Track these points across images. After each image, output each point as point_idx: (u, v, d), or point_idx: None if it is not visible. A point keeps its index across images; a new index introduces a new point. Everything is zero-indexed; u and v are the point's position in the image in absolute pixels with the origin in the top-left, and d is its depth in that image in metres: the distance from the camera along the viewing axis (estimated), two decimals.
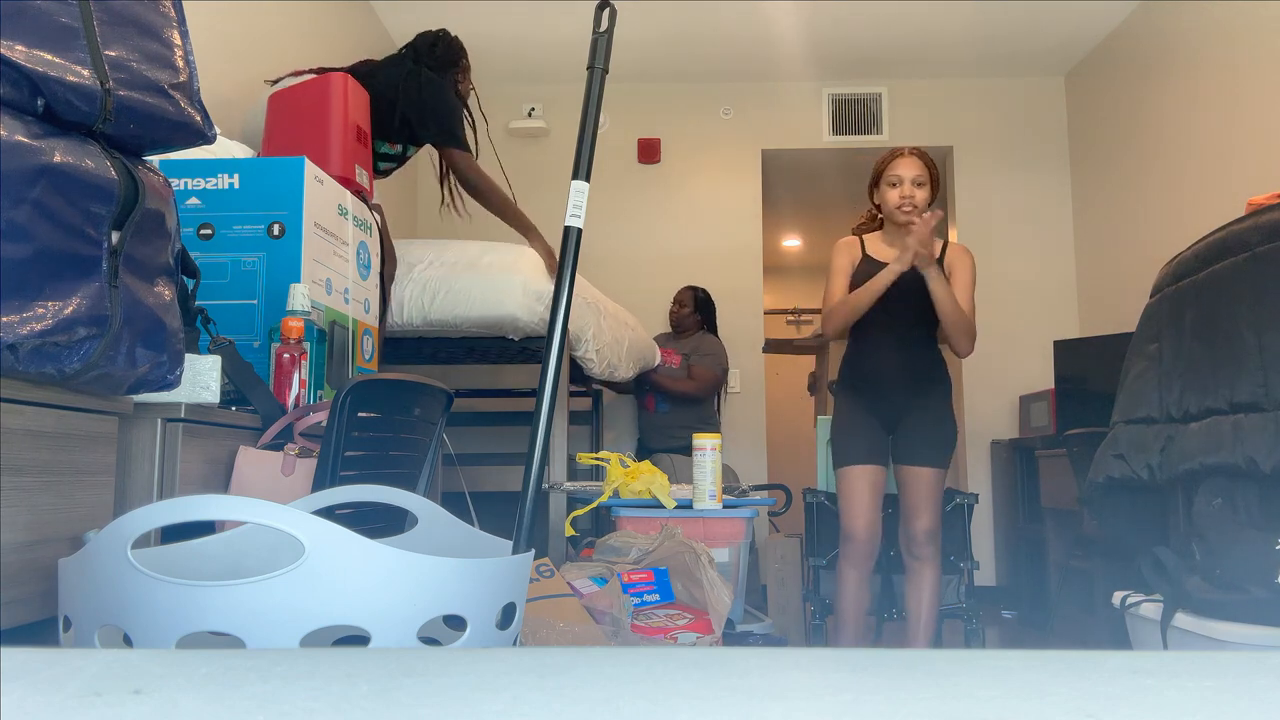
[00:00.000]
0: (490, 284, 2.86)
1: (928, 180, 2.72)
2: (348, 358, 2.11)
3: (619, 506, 2.50)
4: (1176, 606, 1.69)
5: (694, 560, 2.10)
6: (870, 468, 2.67)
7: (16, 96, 0.96)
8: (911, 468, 2.67)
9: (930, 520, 2.65)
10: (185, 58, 1.19)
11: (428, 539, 1.20)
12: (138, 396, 1.27)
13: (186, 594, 0.82)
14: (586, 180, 1.36)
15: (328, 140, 2.31)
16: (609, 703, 0.43)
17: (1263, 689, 0.47)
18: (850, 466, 2.68)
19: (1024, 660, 0.52)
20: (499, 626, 0.97)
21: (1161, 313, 1.96)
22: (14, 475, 1.04)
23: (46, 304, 0.98)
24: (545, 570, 1.89)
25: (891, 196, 2.71)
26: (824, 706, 0.43)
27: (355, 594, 0.85)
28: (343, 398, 1.45)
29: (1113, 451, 2.00)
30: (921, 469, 2.65)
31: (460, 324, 2.89)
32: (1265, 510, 1.62)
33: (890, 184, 2.72)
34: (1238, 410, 1.65)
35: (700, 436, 2.53)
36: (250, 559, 1.10)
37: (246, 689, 0.45)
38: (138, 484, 1.32)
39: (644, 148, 5.18)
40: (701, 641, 1.92)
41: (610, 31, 1.39)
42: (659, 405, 4.55)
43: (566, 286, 1.30)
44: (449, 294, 2.86)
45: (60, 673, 0.48)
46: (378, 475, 1.53)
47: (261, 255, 1.88)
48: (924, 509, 2.65)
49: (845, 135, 5.16)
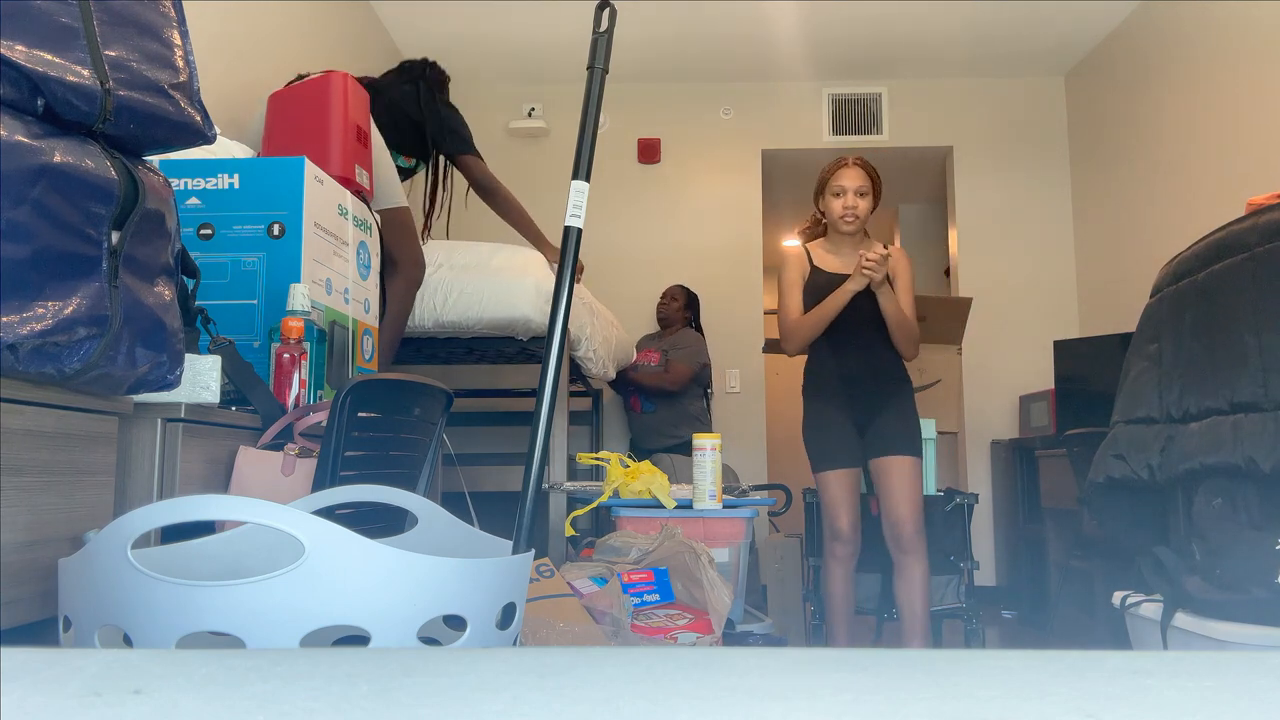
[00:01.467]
0: (502, 286, 2.90)
1: (870, 190, 2.83)
2: (348, 358, 2.11)
3: (619, 506, 2.50)
4: (1176, 606, 1.69)
5: (694, 560, 2.10)
6: (847, 470, 2.78)
7: (16, 96, 0.96)
8: (889, 458, 2.74)
9: (913, 508, 2.71)
10: (185, 58, 1.19)
11: (428, 539, 1.20)
12: (138, 396, 1.27)
13: (186, 594, 0.82)
14: (586, 180, 1.36)
15: (328, 140, 2.31)
16: (609, 703, 0.43)
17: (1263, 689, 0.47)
18: (828, 471, 2.79)
19: (1024, 660, 0.52)
20: (499, 626, 0.96)
21: (1161, 313, 1.96)
22: (14, 475, 1.04)
23: (46, 304, 0.98)
24: (545, 570, 1.89)
25: (835, 206, 2.83)
26: (824, 706, 0.43)
27: (355, 594, 0.85)
28: (343, 398, 1.45)
29: (1112, 451, 2.00)
30: (899, 458, 2.73)
31: (473, 325, 2.92)
32: (1265, 510, 1.62)
33: (834, 194, 2.83)
34: (1238, 410, 1.65)
35: (700, 436, 2.53)
36: (250, 559, 1.10)
37: (246, 689, 0.45)
38: (138, 484, 1.32)
39: (644, 148, 5.17)
40: (701, 641, 1.92)
41: (610, 31, 1.39)
42: (644, 405, 4.55)
43: (566, 286, 1.31)
44: (461, 296, 2.90)
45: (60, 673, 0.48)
46: (378, 475, 1.53)
47: (261, 255, 1.88)
48: (905, 497, 2.71)
49: (845, 135, 5.16)
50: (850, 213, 2.79)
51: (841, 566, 2.77)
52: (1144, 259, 4.20)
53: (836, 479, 2.77)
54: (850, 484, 2.78)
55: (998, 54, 4.84)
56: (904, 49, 4.77)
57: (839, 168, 2.84)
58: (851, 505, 2.77)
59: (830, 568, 2.80)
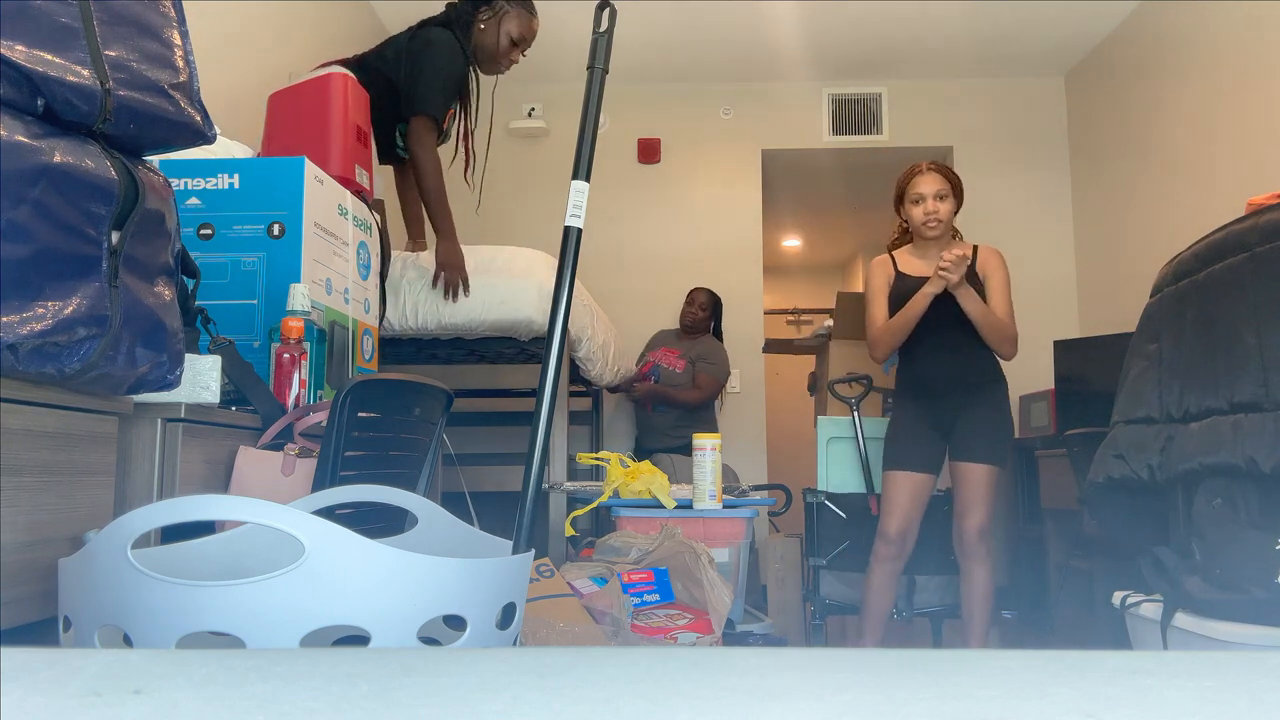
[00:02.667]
0: (505, 288, 2.89)
1: (949, 193, 2.82)
2: (348, 358, 2.11)
3: (619, 506, 2.50)
4: (1176, 606, 1.69)
5: (694, 560, 2.10)
6: (914, 475, 2.77)
7: (16, 96, 0.96)
8: (965, 464, 2.73)
9: (981, 517, 2.71)
10: (185, 58, 1.19)
11: (428, 539, 1.20)
12: (138, 396, 1.27)
13: (186, 594, 0.81)
14: (586, 180, 1.36)
15: (328, 140, 2.31)
16: (609, 703, 0.43)
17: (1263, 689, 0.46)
18: (895, 471, 2.79)
19: (1024, 660, 0.52)
20: (499, 626, 0.96)
21: (1161, 313, 1.96)
22: (14, 475, 1.04)
23: (46, 304, 0.98)
24: (545, 570, 1.89)
25: (916, 214, 2.82)
26: (824, 706, 0.43)
27: (355, 594, 0.85)
28: (343, 398, 1.45)
29: (1112, 451, 2.00)
30: (975, 465, 2.71)
31: (476, 327, 2.92)
32: (1265, 510, 1.61)
33: (913, 201, 2.83)
34: (1238, 410, 1.64)
35: (700, 436, 2.53)
36: (250, 559, 1.10)
37: (246, 689, 0.45)
38: (138, 484, 1.32)
39: (644, 148, 5.17)
40: (701, 641, 1.91)
41: (610, 31, 1.39)
42: (657, 406, 4.55)
43: (567, 287, 1.31)
44: (464, 298, 2.89)
45: (60, 673, 0.48)
46: (378, 475, 1.53)
47: (261, 255, 1.88)
48: (976, 505, 2.71)
49: (845, 135, 5.16)
50: (932, 218, 2.79)
51: (883, 567, 2.78)
52: (1144, 259, 4.20)
53: (896, 479, 2.78)
54: (910, 488, 2.76)
55: (998, 54, 4.84)
56: (904, 49, 4.77)
57: (914, 175, 2.83)
58: (905, 509, 2.75)
59: (872, 567, 2.81)
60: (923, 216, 2.79)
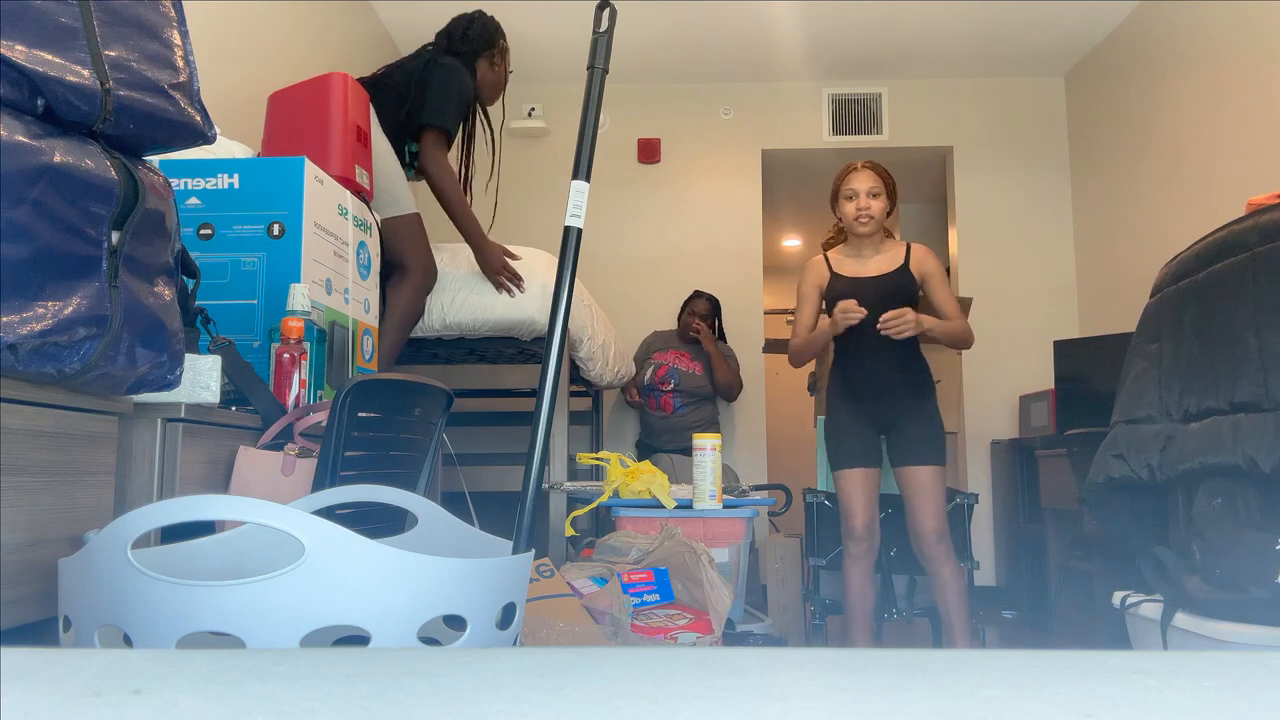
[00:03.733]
0: None
1: (883, 191, 2.87)
2: (348, 358, 2.11)
3: (619, 506, 2.50)
4: (1176, 606, 1.69)
5: (694, 560, 2.10)
6: (866, 470, 2.80)
7: (16, 96, 0.96)
8: (910, 468, 2.76)
9: (935, 519, 2.72)
10: (185, 58, 1.19)
11: (428, 539, 1.20)
12: (138, 396, 1.27)
13: (186, 594, 0.82)
14: (586, 180, 1.36)
15: (328, 140, 2.31)
16: (609, 703, 0.43)
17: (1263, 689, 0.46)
18: (848, 470, 2.81)
19: (1024, 660, 0.52)
20: (499, 626, 0.96)
21: (1161, 313, 1.96)
22: (14, 475, 1.04)
23: (46, 304, 0.98)
24: (545, 570, 1.89)
25: (849, 209, 2.87)
26: (824, 706, 0.43)
27: (355, 594, 0.85)
28: (343, 398, 1.45)
29: (1113, 451, 2.00)
30: (920, 468, 2.74)
31: (479, 327, 2.93)
32: (1265, 510, 1.62)
33: (847, 197, 2.88)
34: (1238, 410, 1.65)
35: (700, 436, 2.53)
36: (250, 559, 1.10)
37: (246, 689, 0.45)
38: (138, 484, 1.32)
39: (644, 148, 5.17)
40: (701, 641, 1.91)
41: (610, 31, 1.39)
42: (677, 407, 4.53)
43: (567, 286, 1.30)
44: (468, 298, 2.90)
45: (60, 673, 0.48)
46: (378, 475, 1.53)
47: (261, 255, 1.88)
48: (927, 508, 2.73)
49: (845, 135, 5.16)
50: (864, 214, 2.82)
51: (859, 565, 2.78)
52: (1144, 259, 4.20)
53: (851, 478, 2.79)
54: (864, 483, 2.79)
55: (998, 54, 4.84)
56: (904, 49, 4.77)
57: (849, 172, 2.89)
58: (866, 504, 2.78)
59: (847, 568, 2.81)
60: (855, 212, 2.84)
